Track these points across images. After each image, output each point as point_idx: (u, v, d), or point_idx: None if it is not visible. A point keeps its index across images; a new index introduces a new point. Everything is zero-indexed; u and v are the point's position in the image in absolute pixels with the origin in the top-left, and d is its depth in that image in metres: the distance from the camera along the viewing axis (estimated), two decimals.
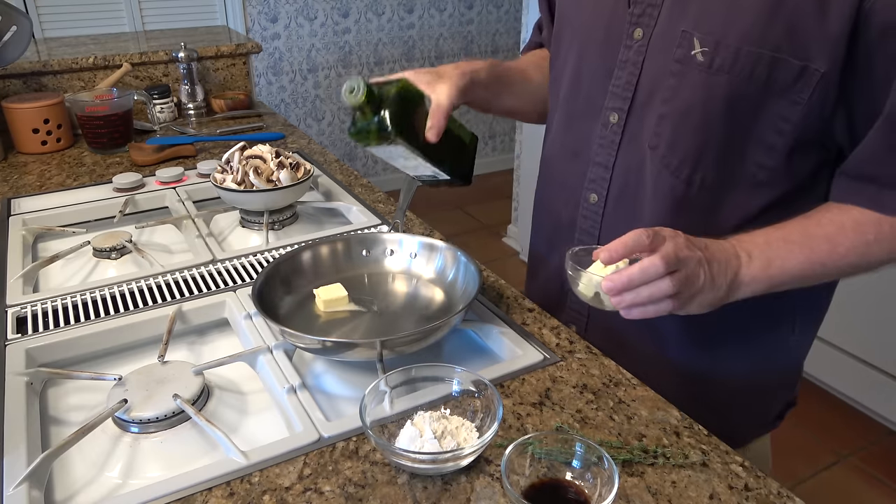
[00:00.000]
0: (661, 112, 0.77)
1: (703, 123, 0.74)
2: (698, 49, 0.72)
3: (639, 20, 0.78)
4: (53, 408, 0.77)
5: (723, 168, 0.76)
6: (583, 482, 0.58)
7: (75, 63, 1.68)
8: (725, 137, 0.74)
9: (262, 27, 3.32)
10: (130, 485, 0.65)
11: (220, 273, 0.97)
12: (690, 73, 0.74)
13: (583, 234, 0.90)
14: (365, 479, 0.62)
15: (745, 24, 0.69)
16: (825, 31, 0.66)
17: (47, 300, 0.90)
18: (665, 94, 0.76)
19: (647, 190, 0.81)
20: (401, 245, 0.93)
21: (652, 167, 0.80)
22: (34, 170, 1.42)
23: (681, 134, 0.76)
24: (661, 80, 0.77)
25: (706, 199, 0.78)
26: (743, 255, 0.71)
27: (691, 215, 0.79)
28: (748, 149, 0.74)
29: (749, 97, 0.71)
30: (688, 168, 0.77)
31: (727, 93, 0.72)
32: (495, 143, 4.25)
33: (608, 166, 0.85)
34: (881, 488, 1.99)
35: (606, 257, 0.66)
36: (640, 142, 0.81)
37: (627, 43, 0.79)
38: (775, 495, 0.60)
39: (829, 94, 0.69)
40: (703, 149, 0.75)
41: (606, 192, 0.86)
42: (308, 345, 0.75)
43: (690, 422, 0.69)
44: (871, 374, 2.16)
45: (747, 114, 0.72)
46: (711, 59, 0.72)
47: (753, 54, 0.69)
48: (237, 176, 1.07)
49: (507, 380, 0.75)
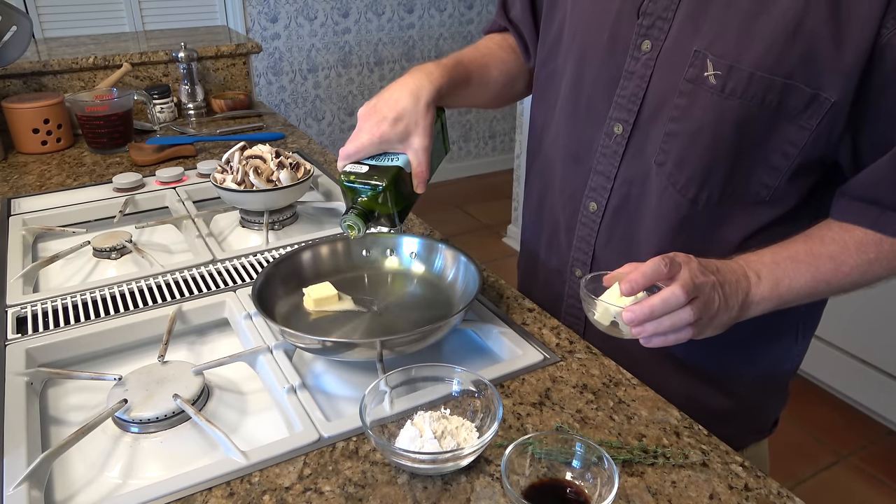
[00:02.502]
0: (669, 129, 0.76)
1: (713, 144, 0.74)
2: (711, 72, 0.71)
3: (648, 32, 0.76)
4: (53, 408, 0.77)
5: (728, 187, 0.76)
6: (583, 482, 0.58)
7: (75, 63, 1.68)
8: (734, 158, 0.74)
9: (262, 27, 3.32)
10: (130, 485, 0.65)
11: (220, 273, 0.97)
12: (702, 95, 0.73)
13: (580, 242, 0.90)
14: (365, 479, 0.62)
15: (761, 49, 0.69)
16: (840, 61, 0.66)
17: (47, 300, 0.90)
18: (674, 113, 0.75)
19: (649, 204, 0.81)
20: (401, 245, 0.93)
21: (658, 183, 0.79)
22: (34, 170, 1.42)
23: (689, 153, 0.75)
24: (669, 96, 0.75)
25: (709, 217, 0.78)
26: (752, 276, 0.71)
27: (693, 232, 0.79)
28: (754, 169, 0.74)
29: (759, 121, 0.71)
30: (695, 187, 0.77)
31: (738, 116, 0.71)
32: (495, 142, 4.25)
33: (610, 177, 0.83)
34: (881, 488, 1.99)
35: (627, 289, 0.66)
36: (646, 156, 0.79)
37: (635, 54, 0.78)
38: (775, 495, 0.60)
39: (837, 122, 0.70)
40: (711, 168, 0.75)
41: (606, 202, 0.85)
42: (308, 345, 0.75)
43: (690, 422, 0.69)
44: (871, 374, 2.16)
45: (756, 137, 0.72)
46: (724, 83, 0.71)
47: (766, 80, 0.69)
48: (237, 176, 1.07)
49: (507, 380, 0.75)
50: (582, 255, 0.90)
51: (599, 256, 0.88)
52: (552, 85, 0.93)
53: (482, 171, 4.24)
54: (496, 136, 4.24)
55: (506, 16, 1.03)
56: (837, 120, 0.69)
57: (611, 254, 0.87)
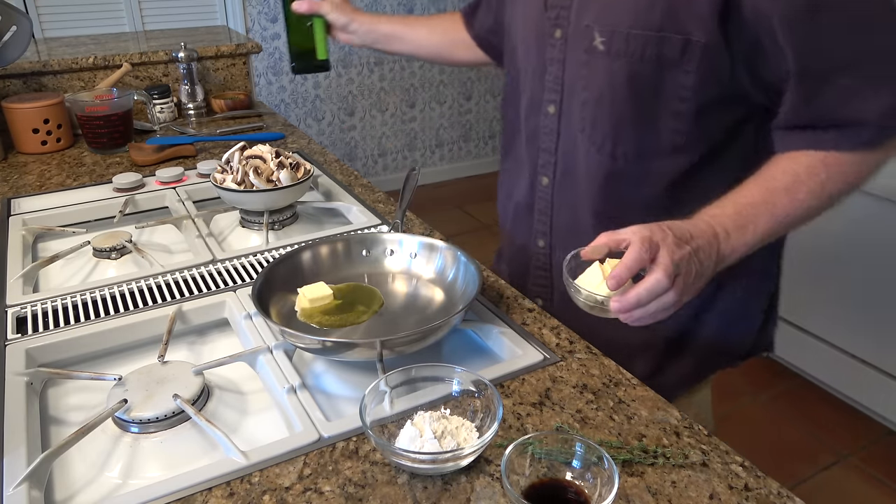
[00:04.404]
0: (583, 99, 0.89)
1: (614, 103, 0.85)
2: (599, 40, 0.84)
3: (557, 21, 0.89)
4: (53, 408, 0.77)
5: (640, 139, 0.86)
6: (583, 482, 0.58)
7: (75, 63, 1.68)
8: (636, 112, 0.84)
9: (262, 27, 3.32)
10: (130, 485, 0.65)
11: (220, 273, 0.97)
12: (596, 61, 0.85)
13: (540, 215, 1.01)
14: (365, 479, 0.62)
15: (632, 11, 0.81)
16: (697, 10, 0.76)
17: (47, 300, 0.90)
18: (582, 83, 0.88)
19: (581, 169, 0.92)
20: (401, 245, 0.93)
21: (584, 148, 0.91)
22: (34, 170, 1.42)
23: (600, 115, 0.87)
24: (578, 71, 0.88)
25: (633, 170, 0.88)
26: (721, 232, 0.75)
27: (623, 186, 0.89)
28: (659, 118, 0.84)
29: (646, 74, 0.82)
30: (610, 144, 0.87)
31: (627, 73, 0.82)
32: (495, 142, 4.25)
33: (552, 151, 0.96)
34: (881, 488, 2.00)
35: (614, 284, 0.69)
36: (573, 127, 0.92)
37: (551, 42, 0.91)
38: (775, 495, 0.60)
39: (718, 61, 0.78)
40: (620, 125, 0.86)
41: (553, 175, 0.97)
42: (308, 345, 0.75)
43: (690, 422, 0.69)
44: (871, 374, 2.16)
45: (649, 88, 0.83)
46: (609, 47, 0.83)
47: (642, 36, 0.80)
48: (237, 176, 1.07)
49: (507, 380, 0.75)
50: (542, 226, 1.01)
51: (555, 224, 1.00)
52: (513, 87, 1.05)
53: (482, 171, 4.24)
54: (496, 136, 4.23)
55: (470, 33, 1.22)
56: (717, 59, 0.78)
57: (562, 219, 0.98)
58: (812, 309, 2.26)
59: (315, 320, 0.81)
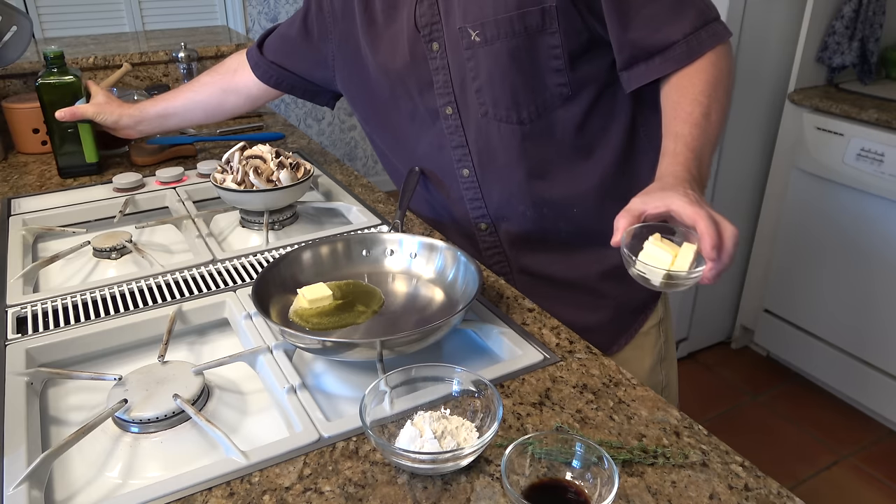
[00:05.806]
0: (476, 87, 0.98)
1: (504, 78, 0.96)
2: (473, 34, 0.95)
3: (431, 36, 0.99)
4: (53, 408, 0.77)
5: (536, 99, 0.97)
6: (583, 482, 0.58)
7: (75, 63, 1.68)
8: (524, 78, 0.95)
9: (262, 27, 3.32)
10: (130, 485, 0.65)
11: (220, 273, 0.97)
12: (478, 51, 0.96)
13: (472, 203, 1.08)
14: (365, 479, 0.62)
15: (490, 3, 0.92)
16: None
17: (47, 300, 0.90)
18: (472, 74, 0.98)
19: (497, 145, 1.01)
20: (401, 245, 0.93)
21: (491, 126, 1.00)
22: (34, 170, 1.42)
23: (496, 93, 0.97)
24: (464, 66, 0.98)
25: (541, 127, 0.99)
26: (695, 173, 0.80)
27: (537, 144, 1.00)
28: (544, 78, 0.95)
29: (522, 46, 0.93)
30: (514, 113, 0.98)
31: (507, 51, 0.94)
32: None
33: (463, 145, 1.04)
34: (881, 488, 2.00)
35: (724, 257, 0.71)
36: (473, 114, 1.01)
37: (431, 56, 1.00)
38: (775, 495, 0.60)
39: (571, 17, 0.91)
40: (515, 94, 0.96)
41: (472, 164, 1.05)
42: (308, 345, 0.75)
43: (690, 422, 0.69)
44: (871, 374, 2.16)
45: (528, 56, 0.94)
46: (485, 37, 0.94)
47: (507, 18, 0.92)
48: (237, 176, 1.07)
49: (507, 380, 0.75)
50: (479, 212, 1.08)
51: (489, 204, 1.06)
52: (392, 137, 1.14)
53: None
54: None
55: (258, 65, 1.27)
56: (570, 16, 0.91)
57: (495, 198, 1.05)
58: (812, 309, 2.26)
59: (311, 324, 0.80)
